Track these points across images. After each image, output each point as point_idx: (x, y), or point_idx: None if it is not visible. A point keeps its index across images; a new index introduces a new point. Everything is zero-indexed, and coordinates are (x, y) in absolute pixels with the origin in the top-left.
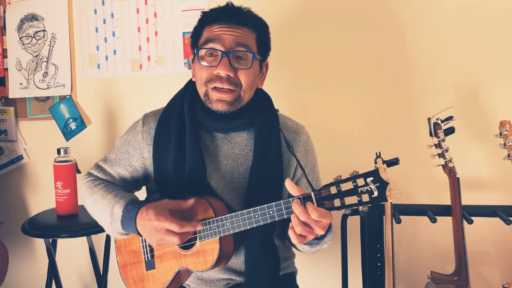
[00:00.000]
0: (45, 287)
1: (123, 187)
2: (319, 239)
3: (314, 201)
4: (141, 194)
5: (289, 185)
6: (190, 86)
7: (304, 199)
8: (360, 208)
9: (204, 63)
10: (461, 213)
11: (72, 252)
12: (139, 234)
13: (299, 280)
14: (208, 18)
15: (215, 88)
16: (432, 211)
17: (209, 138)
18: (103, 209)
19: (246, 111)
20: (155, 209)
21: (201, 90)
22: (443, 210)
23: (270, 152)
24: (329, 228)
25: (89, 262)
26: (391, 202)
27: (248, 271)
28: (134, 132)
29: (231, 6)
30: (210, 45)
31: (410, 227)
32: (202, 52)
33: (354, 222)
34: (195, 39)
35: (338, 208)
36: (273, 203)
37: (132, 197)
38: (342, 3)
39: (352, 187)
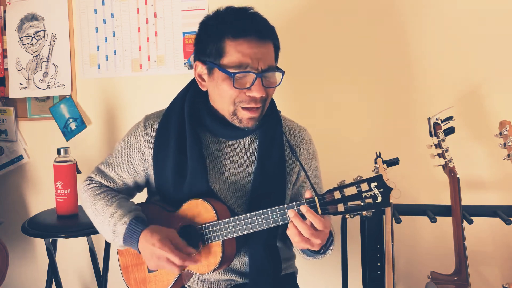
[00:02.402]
0: (45, 287)
1: (125, 191)
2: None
3: (318, 206)
4: (142, 195)
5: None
6: (192, 87)
7: (308, 204)
8: (364, 213)
9: (236, 84)
10: (461, 213)
11: (72, 252)
12: (139, 252)
13: (299, 280)
14: (230, 29)
15: (247, 108)
16: (432, 211)
17: (211, 141)
18: (105, 222)
19: None
20: (160, 235)
21: (227, 108)
22: (443, 210)
23: (273, 155)
24: (330, 238)
25: (89, 262)
26: (391, 202)
27: (251, 274)
28: (136, 135)
29: (256, 17)
30: (245, 68)
31: (410, 227)
32: (236, 75)
33: (354, 222)
34: (214, 51)
35: (341, 213)
36: (277, 208)
37: (135, 213)
38: (342, 6)
39: (356, 192)
